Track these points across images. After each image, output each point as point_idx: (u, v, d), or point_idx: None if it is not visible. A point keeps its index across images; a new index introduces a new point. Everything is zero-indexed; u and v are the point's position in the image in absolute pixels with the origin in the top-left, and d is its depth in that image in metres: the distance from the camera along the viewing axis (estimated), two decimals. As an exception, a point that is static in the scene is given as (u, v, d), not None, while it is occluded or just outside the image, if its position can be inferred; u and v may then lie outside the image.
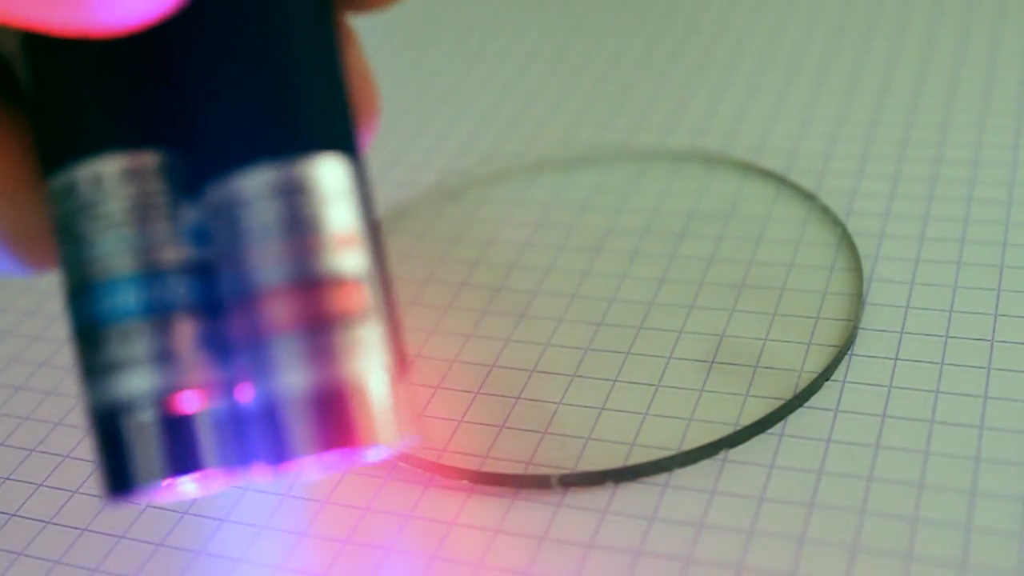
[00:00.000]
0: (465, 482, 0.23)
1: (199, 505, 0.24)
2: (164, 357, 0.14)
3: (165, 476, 0.14)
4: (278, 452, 0.14)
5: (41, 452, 0.26)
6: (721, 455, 0.23)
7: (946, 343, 0.25)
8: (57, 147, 0.15)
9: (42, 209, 0.15)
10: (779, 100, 0.35)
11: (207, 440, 0.14)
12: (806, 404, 0.24)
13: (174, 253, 0.14)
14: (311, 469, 0.14)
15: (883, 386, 0.24)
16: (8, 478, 0.25)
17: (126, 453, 0.14)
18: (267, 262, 0.14)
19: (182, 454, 0.14)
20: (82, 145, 0.14)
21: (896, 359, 0.25)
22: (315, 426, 0.14)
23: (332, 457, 0.14)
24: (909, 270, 0.27)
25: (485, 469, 0.24)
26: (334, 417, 0.14)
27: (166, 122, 0.15)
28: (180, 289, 0.14)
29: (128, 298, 0.14)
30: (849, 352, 0.25)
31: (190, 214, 0.15)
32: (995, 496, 0.21)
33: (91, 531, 0.24)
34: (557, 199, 0.32)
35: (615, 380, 0.25)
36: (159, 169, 0.15)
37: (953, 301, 0.26)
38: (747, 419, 0.24)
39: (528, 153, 0.34)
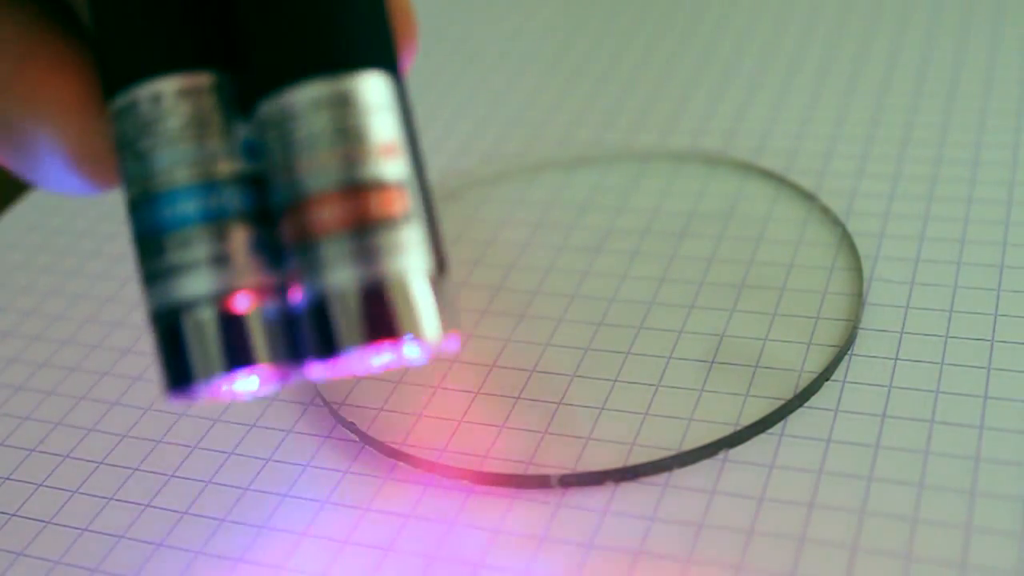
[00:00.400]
0: (465, 482, 0.23)
1: (199, 504, 0.24)
2: (220, 261, 0.15)
3: (222, 371, 0.15)
4: (327, 347, 0.15)
5: (41, 452, 0.26)
6: (721, 455, 0.23)
7: (946, 343, 0.25)
8: (119, 71, 0.16)
9: (104, 132, 0.16)
10: (779, 100, 0.35)
11: (260, 337, 0.15)
12: (806, 404, 0.24)
13: (228, 165, 0.16)
14: (358, 365, 0.15)
15: (883, 386, 0.24)
16: (8, 478, 0.25)
17: (186, 350, 0.15)
18: (316, 170, 0.15)
19: (238, 350, 0.15)
20: (141, 68, 0.16)
21: (896, 359, 0.25)
22: (361, 320, 0.15)
23: (377, 352, 0.15)
24: (909, 270, 0.27)
25: (485, 469, 0.24)
26: (378, 312, 0.15)
27: (219, 46, 0.16)
28: (234, 199, 0.15)
29: (187, 207, 0.15)
30: (849, 352, 0.25)
31: (242, 130, 0.16)
32: (995, 496, 0.21)
33: (91, 531, 0.24)
34: (557, 199, 0.32)
35: (615, 380, 0.25)
36: (213, 88, 0.16)
37: (953, 301, 0.26)
38: (747, 419, 0.24)
39: (528, 153, 0.34)
